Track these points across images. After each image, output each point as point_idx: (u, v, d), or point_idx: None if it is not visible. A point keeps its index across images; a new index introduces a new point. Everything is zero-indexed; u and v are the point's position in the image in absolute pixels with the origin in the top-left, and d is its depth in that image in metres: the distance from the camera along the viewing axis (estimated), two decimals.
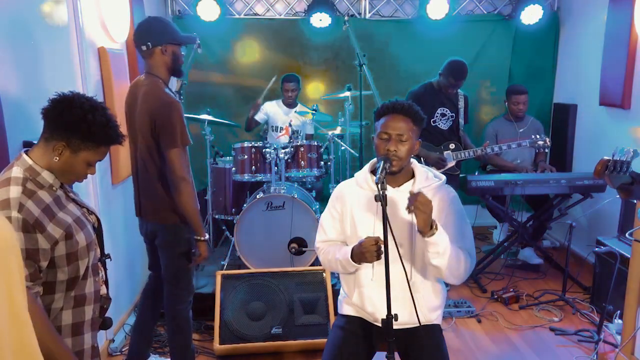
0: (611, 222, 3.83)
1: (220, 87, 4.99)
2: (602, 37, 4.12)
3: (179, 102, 2.40)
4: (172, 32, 2.43)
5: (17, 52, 2.20)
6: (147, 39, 2.38)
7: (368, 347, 2.13)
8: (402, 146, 1.98)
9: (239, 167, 3.92)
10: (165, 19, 2.52)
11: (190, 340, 2.71)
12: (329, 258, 2.13)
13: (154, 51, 2.38)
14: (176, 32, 2.45)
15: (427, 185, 2.07)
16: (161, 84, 2.40)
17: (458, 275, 2.00)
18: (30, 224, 1.48)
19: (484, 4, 5.04)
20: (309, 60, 5.01)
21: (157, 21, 2.46)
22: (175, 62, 2.44)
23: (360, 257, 1.97)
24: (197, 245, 2.51)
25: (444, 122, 3.92)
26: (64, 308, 1.61)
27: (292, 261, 3.67)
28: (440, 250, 1.90)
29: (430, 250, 1.91)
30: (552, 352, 3.16)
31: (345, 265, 2.05)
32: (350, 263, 2.01)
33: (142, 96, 2.40)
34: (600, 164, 2.05)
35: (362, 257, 1.96)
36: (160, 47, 2.38)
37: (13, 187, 1.50)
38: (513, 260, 4.39)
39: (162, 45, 2.37)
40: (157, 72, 2.41)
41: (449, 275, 1.98)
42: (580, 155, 4.67)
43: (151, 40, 2.37)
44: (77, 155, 1.60)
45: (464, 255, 1.99)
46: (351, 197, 2.13)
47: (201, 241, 2.51)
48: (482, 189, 3.83)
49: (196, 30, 4.53)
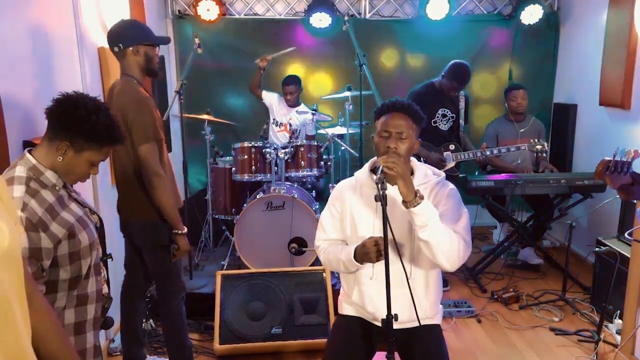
0: (611, 222, 3.83)
1: (220, 86, 4.99)
2: (602, 37, 4.12)
3: (151, 99, 2.43)
4: (143, 33, 2.46)
5: (17, 52, 2.20)
6: (118, 41, 2.41)
7: (368, 347, 2.13)
8: (402, 144, 1.98)
9: (239, 167, 3.93)
10: (138, 21, 2.56)
11: (186, 336, 2.73)
12: (330, 258, 2.13)
13: (125, 52, 2.41)
14: (148, 33, 2.48)
15: (426, 182, 2.07)
16: (134, 83, 2.43)
17: (450, 256, 1.90)
18: (34, 223, 1.49)
19: (484, 4, 5.04)
20: (309, 61, 5.01)
21: (129, 23, 2.54)
22: (149, 62, 2.46)
23: (363, 257, 1.97)
24: (176, 239, 2.51)
25: (445, 122, 3.93)
26: (66, 307, 1.62)
27: (292, 261, 3.67)
28: (424, 220, 1.83)
29: (416, 222, 1.85)
30: (552, 352, 3.16)
31: (347, 265, 2.06)
32: (352, 263, 2.01)
33: (115, 96, 2.44)
34: (601, 164, 2.05)
35: (364, 258, 1.96)
36: (132, 48, 2.40)
37: (17, 186, 1.51)
38: (513, 260, 4.39)
39: (133, 46, 2.40)
40: (131, 72, 2.44)
41: (441, 255, 1.88)
42: (580, 155, 4.67)
43: (122, 42, 2.40)
44: (80, 155, 1.61)
45: (458, 237, 1.92)
46: (351, 196, 2.13)
47: (179, 235, 2.50)
48: (482, 189, 3.83)
49: (196, 30, 4.55)
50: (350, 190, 2.15)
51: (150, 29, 2.51)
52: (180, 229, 2.50)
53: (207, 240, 4.39)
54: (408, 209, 1.85)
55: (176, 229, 2.50)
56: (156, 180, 2.38)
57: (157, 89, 4.20)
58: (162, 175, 2.40)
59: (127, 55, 2.42)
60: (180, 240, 2.51)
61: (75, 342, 1.65)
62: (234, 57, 4.94)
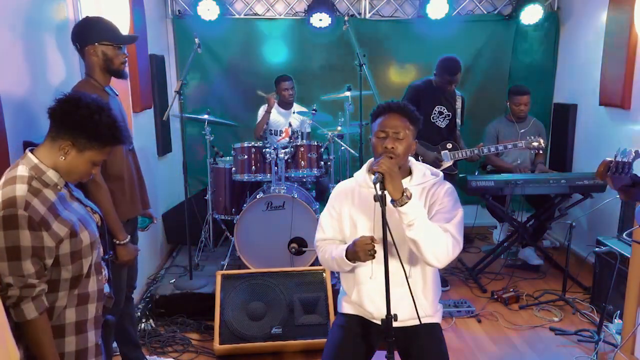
0: (611, 222, 3.83)
1: (220, 87, 4.99)
2: (602, 37, 4.12)
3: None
4: (102, 31, 2.33)
5: (18, 52, 2.20)
6: (75, 40, 2.34)
7: (368, 346, 2.13)
8: (399, 144, 1.98)
9: (239, 167, 3.93)
10: (102, 19, 2.42)
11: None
12: (326, 257, 2.14)
13: (83, 52, 2.33)
14: (108, 32, 2.35)
15: (424, 182, 2.08)
16: (87, 83, 2.33)
17: (439, 254, 1.89)
18: (36, 221, 1.49)
19: (484, 4, 5.04)
20: (309, 60, 5.01)
21: (88, 21, 2.40)
22: (108, 62, 2.33)
23: (354, 256, 1.97)
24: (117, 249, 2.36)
25: (442, 120, 3.93)
26: (67, 306, 1.63)
27: (292, 261, 3.67)
28: (411, 219, 1.83)
29: (403, 221, 1.85)
30: (552, 352, 3.16)
31: (340, 264, 2.06)
32: (345, 261, 2.02)
33: None
34: (602, 165, 2.05)
35: (355, 256, 1.96)
36: (88, 47, 2.30)
37: (19, 186, 1.52)
38: (513, 260, 4.40)
39: (90, 45, 2.30)
40: (91, 72, 2.35)
41: (428, 254, 1.88)
42: (580, 155, 4.67)
43: (79, 41, 2.32)
44: (82, 154, 1.62)
45: (447, 235, 1.90)
46: (350, 196, 2.13)
47: (117, 244, 2.35)
48: (482, 189, 3.83)
49: (196, 30, 4.55)
50: (349, 191, 2.15)
51: (112, 28, 2.39)
52: (120, 238, 2.35)
53: (207, 240, 4.39)
54: (395, 207, 1.85)
55: (115, 238, 2.35)
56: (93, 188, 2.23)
57: (157, 89, 4.20)
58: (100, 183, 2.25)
59: (85, 55, 2.33)
60: (118, 250, 2.36)
61: (76, 342, 1.65)
62: (234, 57, 4.94)
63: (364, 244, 1.92)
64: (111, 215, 2.32)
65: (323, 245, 2.19)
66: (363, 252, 1.92)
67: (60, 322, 1.62)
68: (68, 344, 1.64)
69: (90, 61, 2.33)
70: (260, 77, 4.93)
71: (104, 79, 2.38)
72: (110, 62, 2.35)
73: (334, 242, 2.18)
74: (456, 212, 2.01)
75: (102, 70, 2.35)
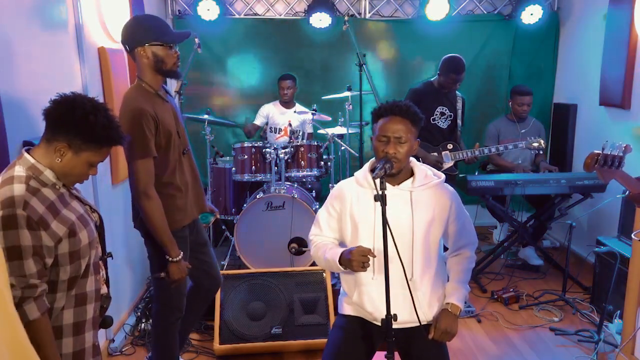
0: (611, 222, 3.83)
1: (220, 87, 4.99)
2: (602, 37, 4.12)
3: (144, 109, 2.16)
4: (152, 32, 2.22)
5: (17, 52, 2.20)
6: (125, 42, 2.26)
7: (368, 347, 2.13)
8: (401, 148, 1.99)
9: (239, 167, 3.93)
10: (151, 18, 2.33)
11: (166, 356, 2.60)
12: (319, 254, 2.14)
13: (134, 54, 2.24)
14: (158, 32, 2.24)
15: (425, 183, 2.08)
16: (138, 89, 2.26)
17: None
18: (35, 221, 1.48)
19: (484, 4, 5.04)
20: (309, 60, 5.01)
21: (137, 21, 2.31)
22: (159, 63, 2.24)
23: (347, 264, 1.97)
24: (169, 266, 2.30)
25: (443, 120, 3.93)
26: (65, 307, 1.62)
27: (292, 261, 3.67)
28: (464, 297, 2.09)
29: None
30: (552, 352, 3.16)
31: (332, 266, 2.06)
32: (337, 266, 2.02)
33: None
34: (590, 157, 2.07)
35: (349, 265, 1.96)
36: (138, 50, 2.22)
37: (17, 185, 1.50)
38: (513, 260, 4.39)
39: (140, 46, 2.21)
40: (141, 75, 2.26)
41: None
42: (580, 155, 4.67)
43: (129, 43, 2.24)
44: (79, 156, 1.59)
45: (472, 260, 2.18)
46: (351, 196, 2.13)
47: (172, 262, 2.28)
48: (482, 189, 3.83)
49: (196, 30, 4.54)
50: (350, 190, 2.15)
51: (161, 26, 2.28)
52: (172, 255, 2.27)
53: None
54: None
55: (167, 255, 2.28)
56: (144, 201, 2.19)
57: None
58: (150, 195, 2.20)
59: (136, 57, 2.24)
60: (170, 267, 2.29)
61: (74, 343, 1.64)
62: (234, 57, 4.94)
63: (360, 255, 1.92)
64: (163, 231, 2.24)
65: (317, 241, 2.19)
66: (357, 262, 1.92)
67: (58, 324, 1.61)
68: (65, 345, 1.63)
69: (141, 63, 2.24)
70: (260, 77, 4.94)
71: (156, 81, 2.28)
72: (162, 62, 2.24)
73: (329, 240, 2.19)
74: (467, 219, 2.19)
75: (154, 72, 2.26)
